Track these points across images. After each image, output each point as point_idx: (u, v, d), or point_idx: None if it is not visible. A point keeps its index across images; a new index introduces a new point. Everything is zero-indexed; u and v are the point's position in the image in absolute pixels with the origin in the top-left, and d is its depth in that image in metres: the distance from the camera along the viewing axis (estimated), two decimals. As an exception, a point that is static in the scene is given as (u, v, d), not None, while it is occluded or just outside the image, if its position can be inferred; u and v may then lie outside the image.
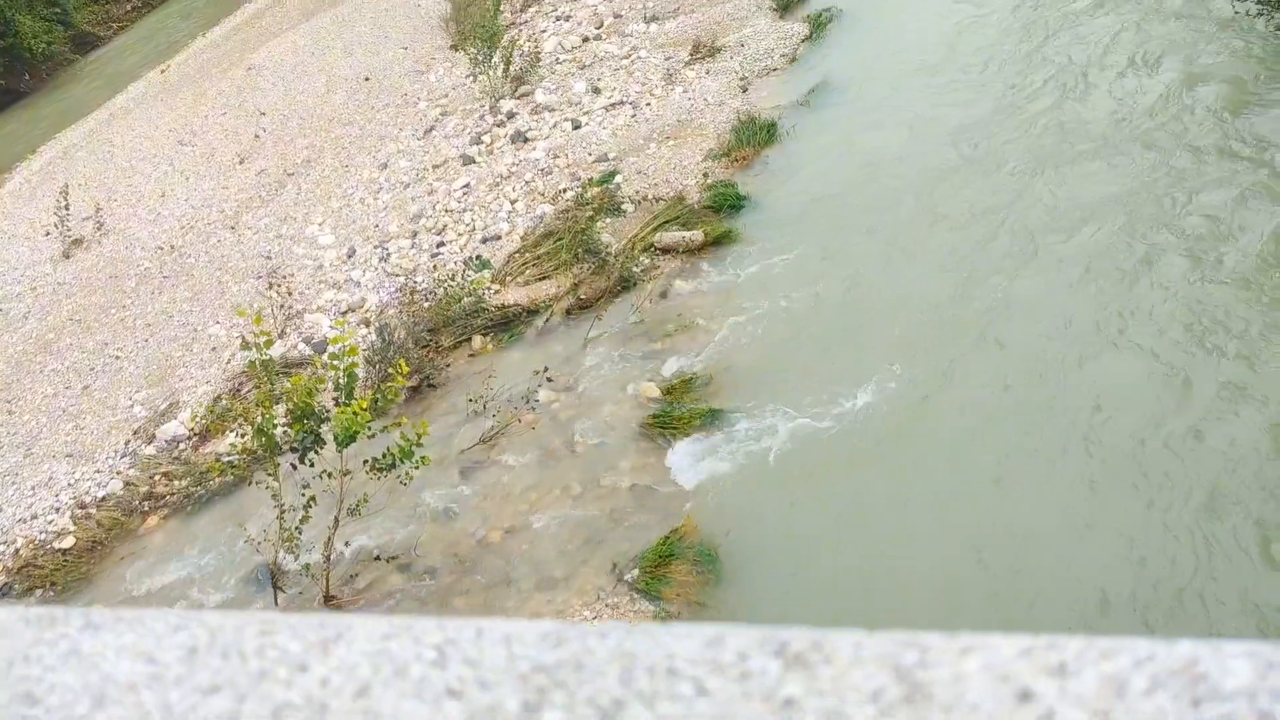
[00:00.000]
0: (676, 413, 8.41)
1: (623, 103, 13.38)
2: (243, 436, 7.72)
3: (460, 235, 11.70)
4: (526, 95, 14.23)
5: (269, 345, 7.41)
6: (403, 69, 16.66)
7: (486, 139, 13.46)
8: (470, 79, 14.79)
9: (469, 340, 10.04)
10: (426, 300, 10.37)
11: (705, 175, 11.50)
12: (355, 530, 8.00)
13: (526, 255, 10.95)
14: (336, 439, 6.92)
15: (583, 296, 10.14)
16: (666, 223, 10.81)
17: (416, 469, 7.25)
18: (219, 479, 8.98)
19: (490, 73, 14.12)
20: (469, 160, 13.07)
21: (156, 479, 9.40)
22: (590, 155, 12.44)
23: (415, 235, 11.89)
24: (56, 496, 9.55)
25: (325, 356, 8.04)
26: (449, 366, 9.81)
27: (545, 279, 10.55)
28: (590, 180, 11.90)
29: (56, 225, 14.31)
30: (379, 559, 7.92)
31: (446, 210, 12.20)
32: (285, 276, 11.72)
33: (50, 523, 9.24)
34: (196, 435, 9.83)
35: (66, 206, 14.26)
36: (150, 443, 9.88)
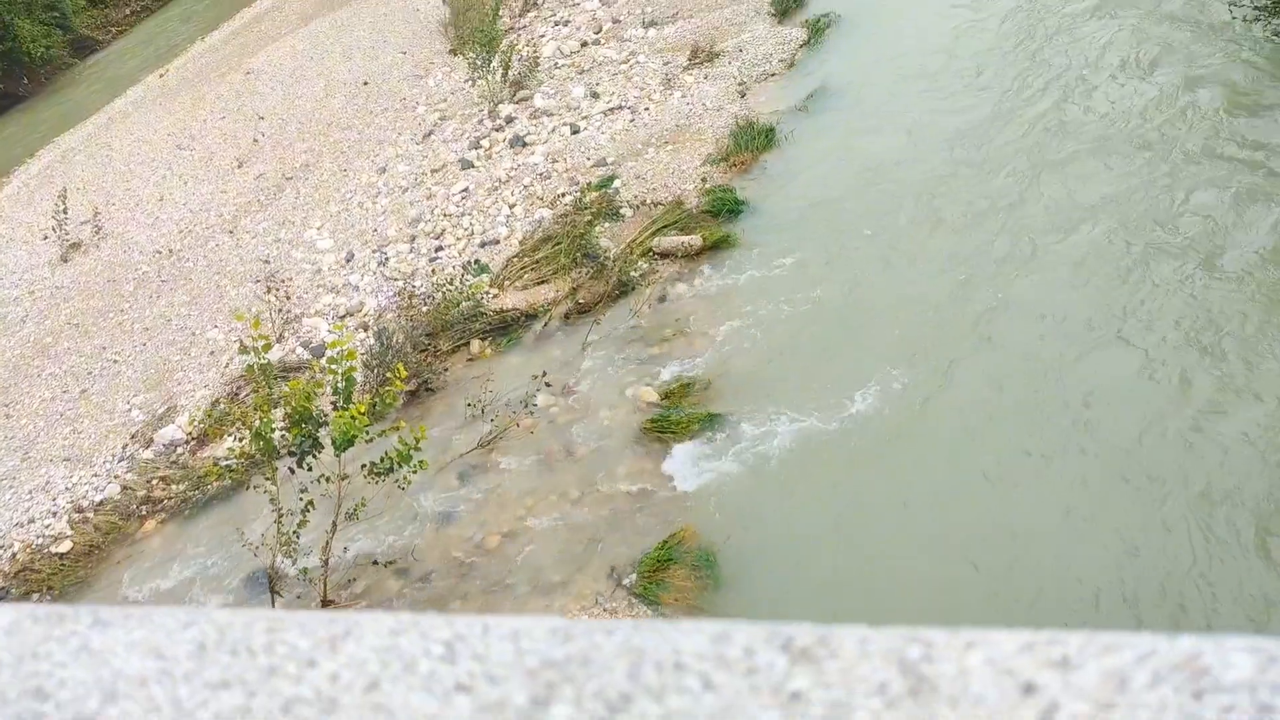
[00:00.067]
0: (675, 417, 8.42)
1: (621, 107, 13.41)
2: (240, 441, 7.72)
3: (459, 239, 11.71)
4: (525, 100, 14.25)
5: (267, 349, 7.41)
6: (401, 73, 16.68)
7: (485, 143, 13.48)
8: (469, 83, 14.81)
9: (467, 344, 10.04)
10: (425, 304, 10.37)
11: (703, 180, 11.52)
12: (353, 534, 8.00)
13: (525, 259, 10.96)
14: (334, 443, 6.91)
15: (581, 301, 10.15)
16: (665, 227, 10.82)
17: (414, 473, 7.24)
18: (217, 483, 8.97)
19: (489, 77, 14.14)
20: (467, 165, 13.08)
21: (154, 483, 9.39)
22: (589, 160, 12.45)
23: (414, 239, 11.90)
24: (54, 500, 9.53)
25: (323, 360, 8.05)
26: (447, 371, 9.81)
27: (543, 283, 10.56)
28: (589, 185, 11.92)
29: (54, 229, 14.31)
30: (377, 563, 7.91)
31: (445, 214, 12.20)
32: (283, 281, 11.72)
33: (47, 527, 9.23)
34: (194, 439, 9.83)
35: (64, 210, 14.26)
36: (148, 447, 9.87)
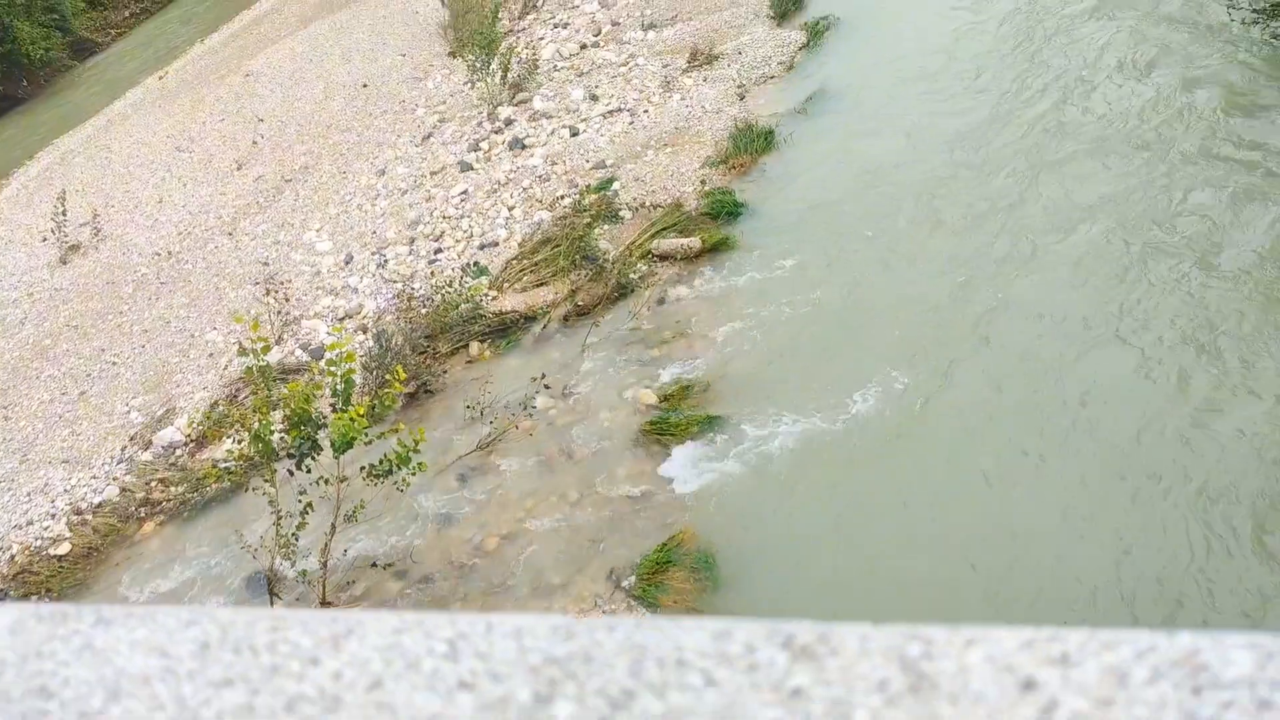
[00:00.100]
0: (674, 419, 8.42)
1: (620, 110, 13.42)
2: (240, 443, 7.72)
3: (458, 242, 11.71)
4: (524, 102, 14.26)
5: (266, 351, 7.41)
6: (401, 76, 16.68)
7: (484, 146, 13.49)
8: (468, 86, 14.82)
9: (466, 347, 10.04)
10: (424, 306, 10.37)
11: (703, 182, 11.53)
12: (352, 537, 7.99)
13: (524, 262, 10.96)
14: (333, 445, 6.91)
15: (580, 303, 10.15)
16: (664, 229, 10.83)
17: (413, 475, 7.24)
18: (215, 485, 8.96)
19: (488, 80, 14.15)
20: (467, 167, 13.09)
21: (153, 485, 9.38)
22: (588, 162, 12.46)
23: (413, 242, 11.90)
24: (52, 503, 9.53)
25: (322, 363, 8.05)
26: (446, 373, 9.81)
27: (543, 285, 10.56)
28: (588, 187, 11.92)
29: (54, 231, 14.31)
30: (376, 565, 7.91)
31: (444, 217, 12.21)
32: (283, 283, 11.72)
33: (46, 529, 9.22)
34: (193, 441, 9.82)
35: (64, 212, 14.26)
36: (147, 449, 9.86)
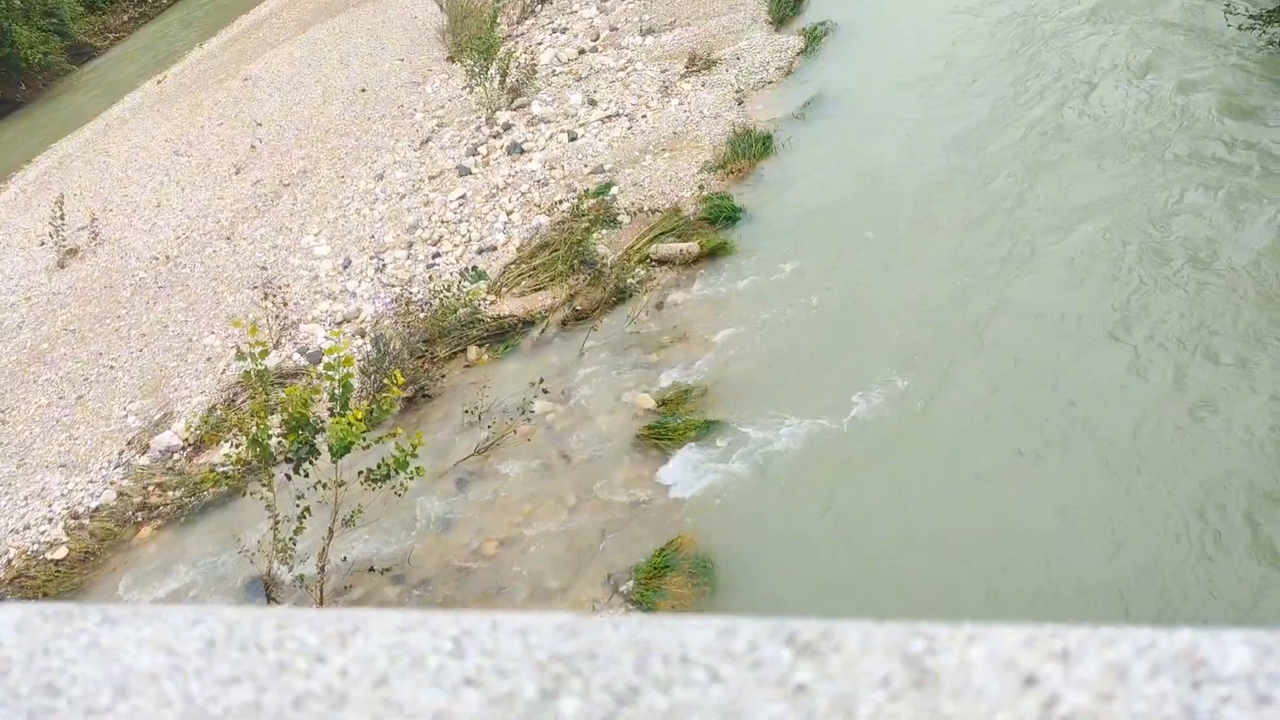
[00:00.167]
0: (672, 424, 8.42)
1: (619, 115, 13.44)
2: (237, 447, 7.71)
3: (456, 246, 11.72)
4: (523, 107, 14.28)
5: (264, 355, 7.40)
6: (399, 80, 16.70)
7: (483, 150, 13.50)
8: (466, 90, 14.84)
9: (464, 351, 10.05)
10: (422, 311, 10.38)
11: (701, 187, 11.55)
12: (350, 541, 7.99)
13: (522, 266, 10.97)
14: (331, 449, 6.90)
15: (578, 308, 10.16)
16: (662, 234, 10.85)
17: (411, 480, 7.24)
18: (213, 490, 8.95)
19: (486, 84, 14.17)
20: (465, 171, 13.10)
21: (150, 489, 9.37)
22: (586, 167, 12.48)
23: (411, 246, 11.91)
24: (49, 507, 9.51)
25: (320, 367, 8.05)
26: (444, 377, 9.81)
27: (541, 290, 10.57)
28: (586, 192, 11.94)
29: (51, 235, 14.29)
30: (373, 570, 7.90)
31: (442, 221, 12.22)
32: (281, 287, 11.72)
33: (43, 533, 9.20)
34: (191, 446, 9.81)
35: (62, 216, 14.25)
36: (144, 453, 9.85)
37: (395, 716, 0.60)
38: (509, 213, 12.02)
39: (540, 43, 16.35)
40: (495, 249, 11.46)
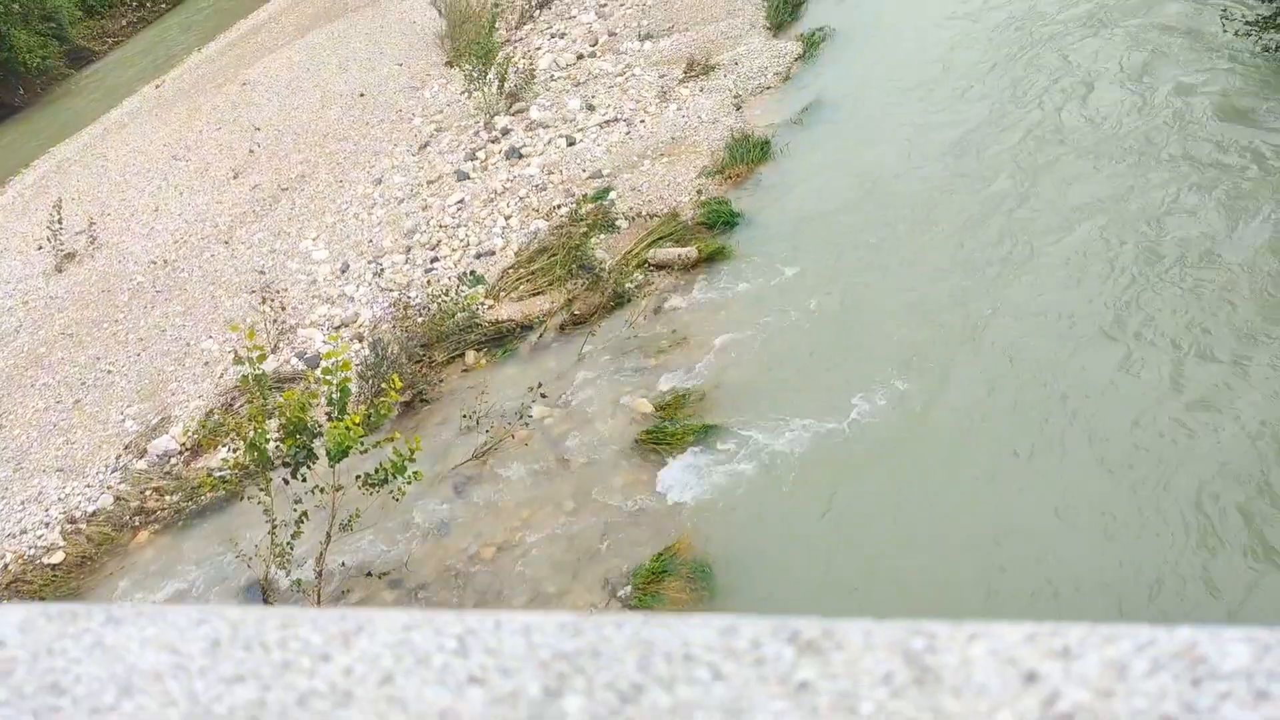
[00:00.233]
0: (670, 428, 8.42)
1: (617, 120, 13.46)
2: (234, 451, 7.71)
3: (454, 251, 11.72)
4: (521, 112, 14.29)
5: (262, 360, 7.40)
6: (398, 85, 16.72)
7: (481, 155, 13.51)
8: (465, 95, 14.85)
9: (462, 355, 10.05)
10: (420, 315, 10.38)
11: (699, 192, 11.56)
12: (347, 546, 7.98)
13: (520, 271, 10.98)
14: (329, 454, 6.90)
15: (576, 312, 10.17)
16: (660, 239, 10.86)
17: (409, 484, 7.23)
18: (210, 494, 8.94)
19: (485, 89, 14.18)
20: (463, 176, 13.11)
21: (147, 494, 9.35)
22: (584, 172, 12.49)
23: (409, 250, 11.91)
24: (46, 511, 9.49)
25: (318, 371, 8.04)
26: (442, 382, 9.81)
27: (539, 294, 10.57)
28: (584, 196, 11.95)
29: (49, 239, 14.28)
30: (370, 575, 7.89)
31: (441, 226, 12.22)
32: (278, 291, 11.72)
33: (40, 538, 9.18)
34: (188, 450, 9.80)
35: (59, 221, 14.24)
36: (141, 457, 9.84)
37: (400, 714, 0.61)
38: (507, 217, 12.03)
39: (539, 48, 16.38)
40: (493, 253, 11.46)
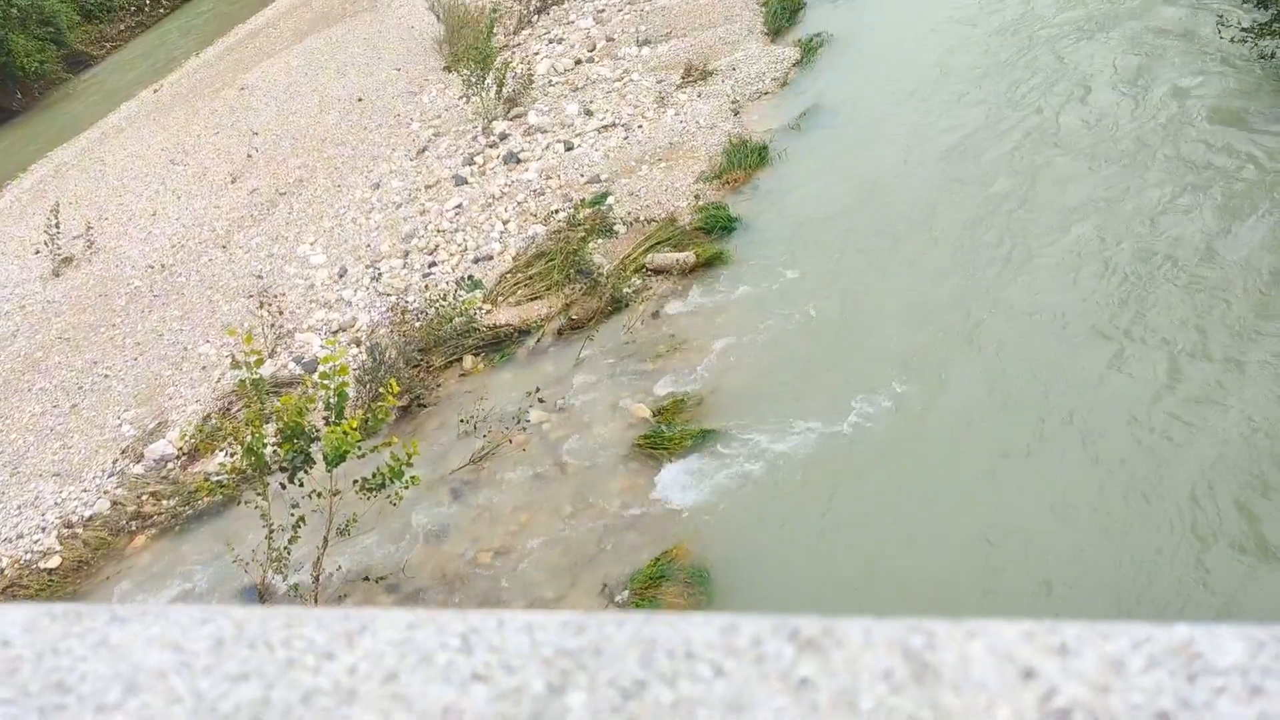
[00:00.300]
0: (668, 433, 8.43)
1: (615, 125, 13.48)
2: (232, 456, 7.70)
3: (452, 255, 11.73)
4: (519, 117, 14.32)
5: (259, 364, 7.40)
6: (396, 90, 16.74)
7: (479, 160, 13.53)
8: (463, 100, 14.87)
9: (460, 360, 10.05)
10: (418, 320, 10.38)
11: (697, 197, 11.58)
12: (344, 550, 7.97)
13: (518, 275, 10.99)
14: (326, 458, 6.90)
15: (574, 317, 10.17)
16: (658, 244, 10.87)
17: (406, 489, 7.23)
18: (207, 499, 8.93)
19: (483, 94, 14.21)
20: (461, 181, 13.12)
21: (144, 498, 9.34)
22: (582, 177, 12.51)
23: (407, 255, 11.91)
24: (43, 516, 9.48)
25: (316, 376, 8.03)
26: (440, 386, 9.81)
27: (537, 299, 10.58)
28: (582, 201, 11.97)
29: (47, 243, 14.28)
30: (368, 579, 7.88)
31: (438, 230, 12.23)
32: (276, 296, 11.72)
33: (36, 542, 9.17)
34: (185, 454, 9.79)
35: (57, 225, 14.23)
36: (138, 462, 9.83)
37: (404, 711, 0.61)
38: (505, 222, 12.04)
39: (537, 53, 16.41)
40: (491, 258, 11.47)
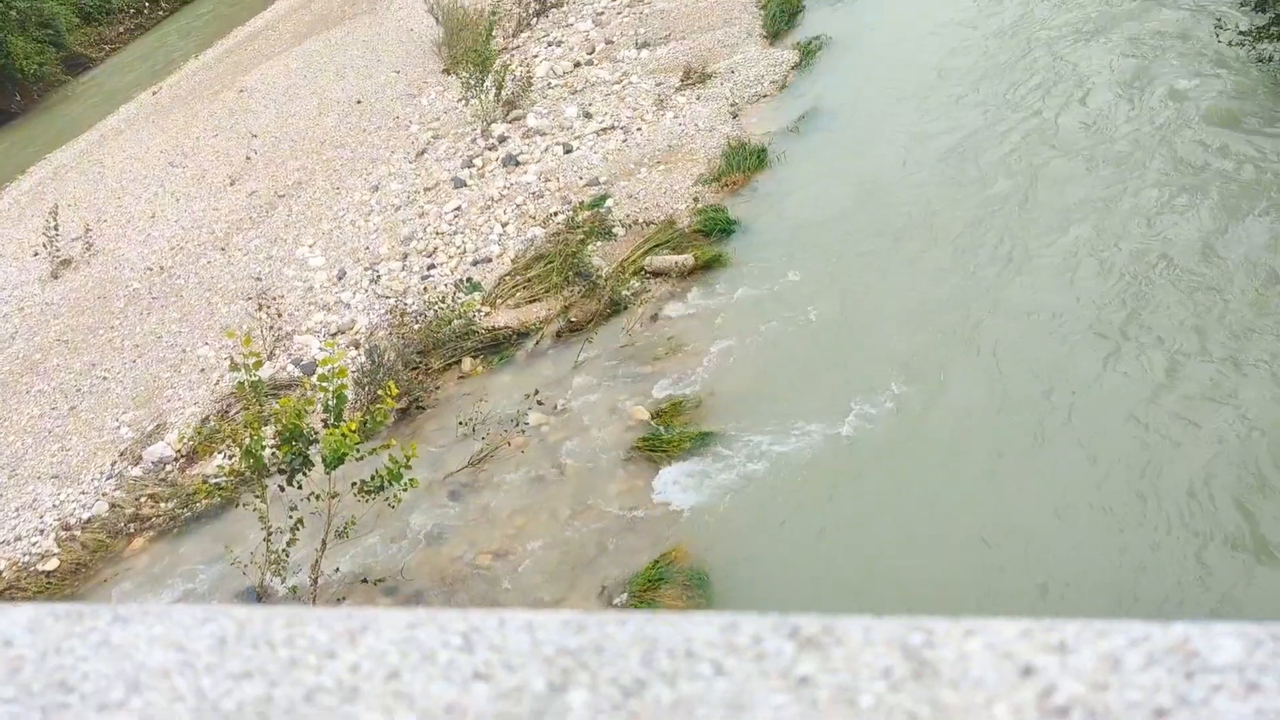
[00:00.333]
0: (666, 436, 8.43)
1: (614, 127, 13.49)
2: (230, 458, 7.69)
3: (451, 258, 11.73)
4: (518, 119, 14.32)
5: (258, 367, 7.40)
6: (395, 92, 16.74)
7: (478, 162, 13.53)
8: (462, 103, 14.88)
9: (459, 362, 10.04)
10: (416, 322, 10.38)
11: (695, 200, 11.59)
12: (343, 553, 7.96)
13: (517, 278, 10.99)
14: (325, 461, 6.90)
15: (573, 319, 10.18)
16: (657, 246, 10.88)
17: (405, 491, 7.23)
18: (206, 501, 8.92)
19: (482, 97, 14.21)
20: (460, 183, 13.12)
21: (142, 501, 9.33)
22: (581, 179, 12.51)
23: (406, 257, 11.92)
24: (41, 518, 9.47)
25: (314, 378, 8.03)
26: (438, 389, 9.80)
27: (535, 302, 10.58)
28: (581, 204, 11.97)
29: (45, 246, 14.27)
30: (366, 581, 7.88)
31: (437, 233, 12.23)
32: (275, 298, 11.71)
33: (34, 545, 9.15)
34: (183, 457, 9.78)
35: (55, 227, 14.22)
36: (137, 464, 9.82)
37: (406, 709, 0.61)
38: (504, 224, 12.04)
39: (536, 55, 16.42)
40: (490, 260, 11.47)
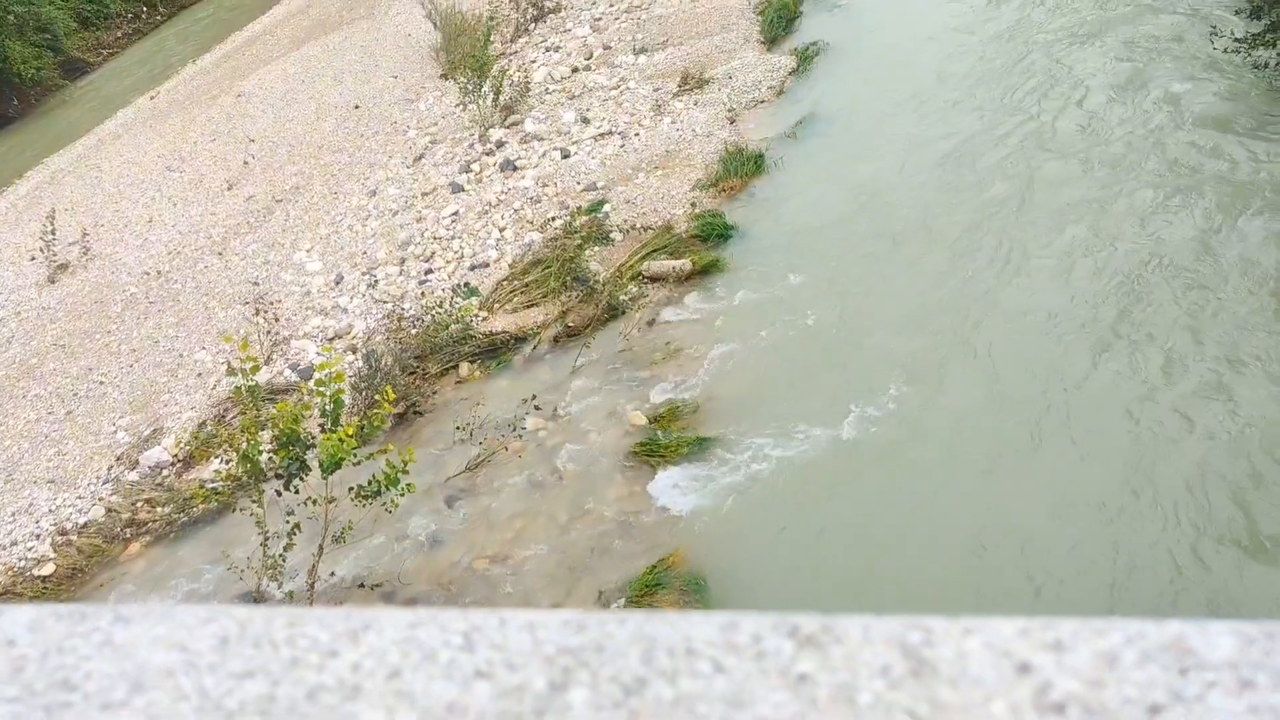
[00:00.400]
0: (664, 440, 8.43)
1: (611, 133, 13.51)
2: (227, 463, 7.68)
3: (448, 262, 11.74)
4: (516, 124, 14.34)
5: (255, 371, 7.39)
6: (393, 97, 16.76)
7: (476, 167, 13.55)
8: (460, 108, 14.90)
9: (456, 367, 10.04)
10: (414, 327, 10.38)
11: (693, 205, 11.61)
12: (340, 558, 7.96)
13: (515, 283, 10.99)
14: (322, 466, 6.89)
15: (570, 324, 10.18)
16: (654, 251, 10.89)
17: (402, 496, 7.22)
18: (202, 506, 8.91)
19: (480, 102, 14.23)
20: (458, 188, 13.14)
21: (139, 505, 9.32)
22: (579, 184, 12.53)
23: (403, 262, 11.92)
24: (37, 523, 9.45)
25: (311, 383, 8.03)
26: (436, 394, 9.80)
27: (533, 306, 10.59)
28: (579, 209, 11.99)
29: (42, 250, 14.26)
30: (363, 586, 7.87)
31: (435, 238, 12.24)
32: (272, 303, 11.71)
33: (30, 549, 9.13)
34: (180, 461, 9.77)
35: (53, 231, 14.22)
36: (133, 469, 9.80)
37: (408, 708, 0.62)
38: (502, 229, 12.05)
39: (534, 61, 16.45)
40: (488, 265, 11.48)
